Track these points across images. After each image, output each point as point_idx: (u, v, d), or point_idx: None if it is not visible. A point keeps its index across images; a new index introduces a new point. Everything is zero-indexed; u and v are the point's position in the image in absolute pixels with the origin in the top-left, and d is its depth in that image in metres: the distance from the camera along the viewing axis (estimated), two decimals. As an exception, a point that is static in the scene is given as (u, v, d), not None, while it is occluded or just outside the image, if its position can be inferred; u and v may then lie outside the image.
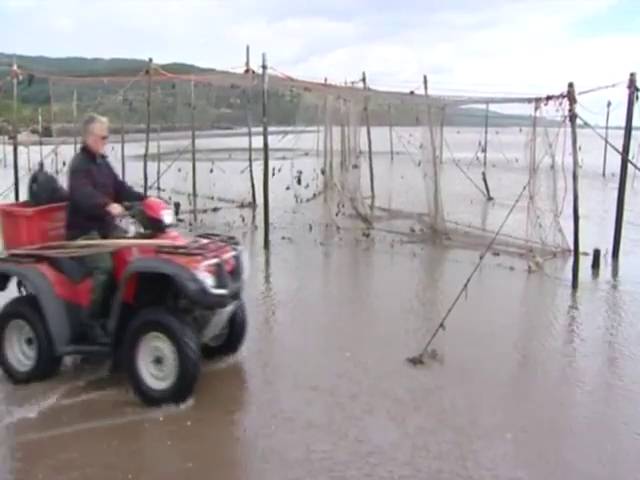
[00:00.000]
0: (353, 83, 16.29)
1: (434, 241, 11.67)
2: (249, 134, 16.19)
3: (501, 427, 4.79)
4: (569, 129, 9.68)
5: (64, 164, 22.63)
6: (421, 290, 8.97)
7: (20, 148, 17.30)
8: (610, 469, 4.33)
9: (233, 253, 5.48)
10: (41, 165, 6.24)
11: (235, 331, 5.99)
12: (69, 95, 22.26)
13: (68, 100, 22.75)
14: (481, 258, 7.67)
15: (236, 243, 5.68)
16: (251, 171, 15.11)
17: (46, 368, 5.48)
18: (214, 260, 5.13)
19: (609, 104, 18.63)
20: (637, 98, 10.47)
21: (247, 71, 13.45)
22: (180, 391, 5.04)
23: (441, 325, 6.24)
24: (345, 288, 9.20)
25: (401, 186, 15.99)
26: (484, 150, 17.75)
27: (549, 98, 10.58)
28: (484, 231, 11.91)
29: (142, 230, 5.51)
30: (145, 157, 13.90)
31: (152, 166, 14.49)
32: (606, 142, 12.44)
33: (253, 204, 14.65)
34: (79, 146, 5.95)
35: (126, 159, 20.28)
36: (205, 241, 5.53)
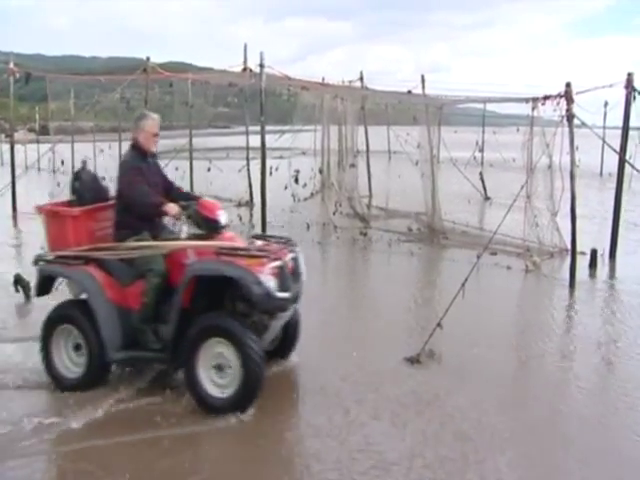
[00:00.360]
0: (350, 82, 16.29)
1: (431, 240, 11.67)
2: (246, 133, 16.18)
3: (500, 429, 4.78)
4: (566, 129, 9.69)
5: (62, 163, 22.77)
6: (418, 289, 8.98)
7: (17, 146, 17.24)
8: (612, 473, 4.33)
9: (292, 254, 5.31)
10: (84, 163, 5.87)
11: (288, 336, 5.78)
12: (66, 93, 22.29)
13: (65, 98, 22.78)
14: (478, 257, 7.67)
15: (293, 244, 5.50)
16: (248, 170, 15.09)
17: (96, 375, 5.27)
18: (277, 262, 4.96)
19: (606, 104, 18.63)
20: (634, 98, 10.47)
21: (245, 70, 13.45)
22: (243, 399, 4.84)
23: (438, 324, 6.23)
24: (342, 287, 9.22)
25: (398, 185, 15.96)
26: (481, 150, 17.75)
27: (546, 98, 10.59)
28: (481, 230, 11.92)
29: (194, 231, 5.31)
30: (142, 156, 13.85)
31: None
32: (604, 142, 12.46)
33: (250, 203, 14.65)
34: (73, 144, 5.91)
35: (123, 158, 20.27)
36: (263, 242, 5.37)
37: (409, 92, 14.45)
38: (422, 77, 15.66)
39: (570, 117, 9.84)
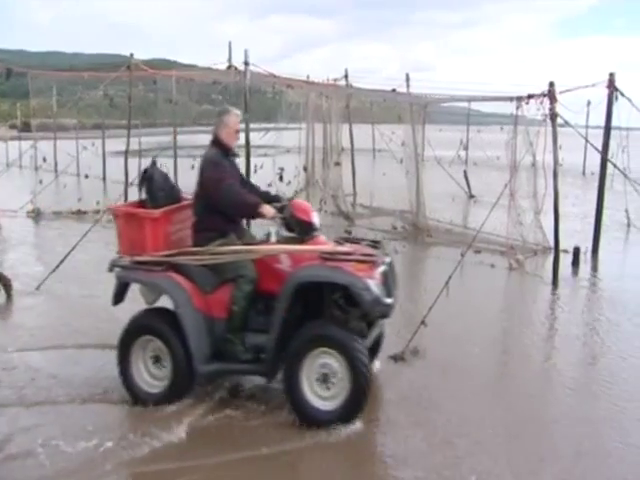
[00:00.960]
0: (335, 80, 16.27)
1: (416, 238, 11.69)
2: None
3: (484, 426, 4.81)
4: (550, 128, 9.76)
5: (44, 160, 22.58)
6: (402, 287, 8.94)
7: (-2, 143, 17.09)
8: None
9: (388, 259, 5.11)
10: (154, 161, 5.44)
11: (376, 343, 5.51)
12: (48, 90, 22.07)
13: (47, 95, 22.57)
14: (462, 256, 7.71)
15: (384, 247, 5.31)
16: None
17: (180, 389, 4.93)
18: (382, 267, 4.82)
19: (589, 103, 18.75)
20: (616, 98, 10.56)
21: (229, 67, 13.39)
22: (350, 411, 4.62)
23: (422, 322, 6.26)
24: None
25: (383, 183, 15.99)
26: (466, 148, 17.83)
27: (530, 97, 10.65)
28: (465, 229, 11.97)
29: (285, 234, 5.05)
30: (126, 153, 13.80)
31: (133, 162, 14.38)
32: (586, 141, 12.56)
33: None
34: (55, 141, 5.72)
35: (107, 155, 20.16)
36: (357, 246, 5.14)
37: (394, 90, 14.47)
38: (407, 75, 15.70)
39: (553, 116, 9.91)
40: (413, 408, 5.07)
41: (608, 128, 10.73)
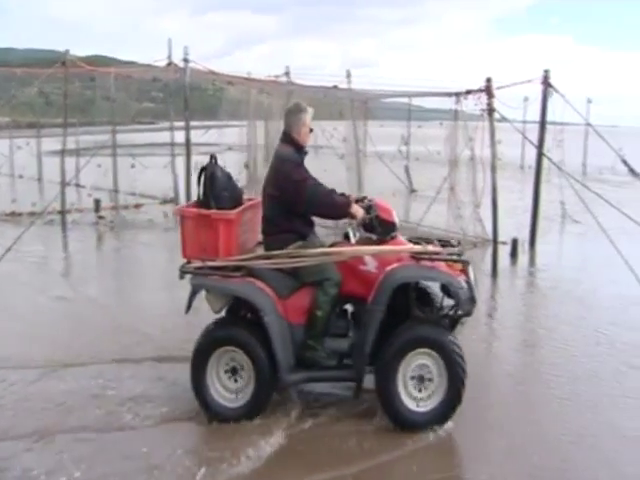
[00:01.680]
0: (276, 77, 16.20)
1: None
2: (171, 129, 15.87)
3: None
4: (488, 123, 9.95)
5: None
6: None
7: None
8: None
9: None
10: (214, 158, 5.00)
11: None
12: (-21, 87, 21.29)
13: (-21, 92, 21.76)
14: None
15: (455, 245, 5.09)
16: (173, 166, 14.83)
17: (264, 402, 4.72)
18: (469, 266, 4.77)
19: (526, 99, 19.12)
20: (551, 94, 10.80)
21: (169, 64, 13.21)
22: (446, 412, 4.59)
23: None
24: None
25: (325, 179, 15.84)
26: (406, 143, 17.96)
27: (468, 92, 10.84)
28: (407, 222, 12.04)
29: (360, 234, 4.94)
30: (63, 153, 13.43)
31: (70, 162, 14.03)
32: (523, 136, 12.78)
33: (176, 200, 14.38)
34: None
35: (42, 155, 19.59)
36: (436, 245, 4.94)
37: (335, 87, 14.49)
38: (347, 72, 15.70)
39: (490, 111, 10.10)
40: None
41: (543, 123, 10.98)
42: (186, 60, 11.59)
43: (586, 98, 25.58)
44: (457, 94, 11.22)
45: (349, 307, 4.93)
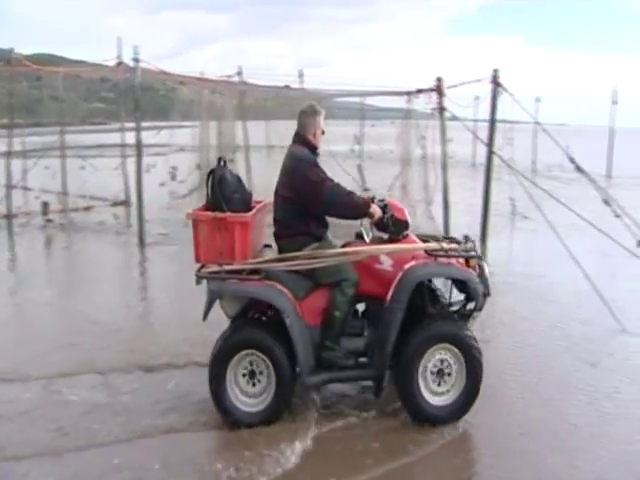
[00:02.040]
0: (229, 77, 16.10)
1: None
2: (122, 130, 15.62)
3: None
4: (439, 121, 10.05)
5: None
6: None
7: None
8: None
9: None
10: (224, 161, 4.89)
11: None
12: None
13: None
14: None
15: (474, 243, 5.16)
16: (124, 168, 14.60)
17: (284, 405, 4.71)
18: (483, 262, 4.92)
19: (477, 98, 19.41)
20: (500, 93, 10.94)
21: (119, 64, 12.99)
22: (465, 405, 4.73)
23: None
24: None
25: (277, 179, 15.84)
26: (359, 142, 18.05)
27: (419, 91, 10.93)
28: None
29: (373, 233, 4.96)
30: (8, 155, 13.11)
31: (17, 164, 13.69)
32: (473, 134, 12.94)
33: (127, 202, 14.16)
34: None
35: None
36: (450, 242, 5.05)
37: (287, 87, 14.47)
38: (300, 71, 15.75)
39: (441, 110, 10.20)
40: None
41: (493, 121, 11.10)
42: (136, 60, 11.38)
43: (535, 97, 26.15)
44: (409, 93, 11.32)
45: (360, 306, 4.99)
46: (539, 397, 5.33)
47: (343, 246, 4.92)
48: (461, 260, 4.82)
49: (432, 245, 4.82)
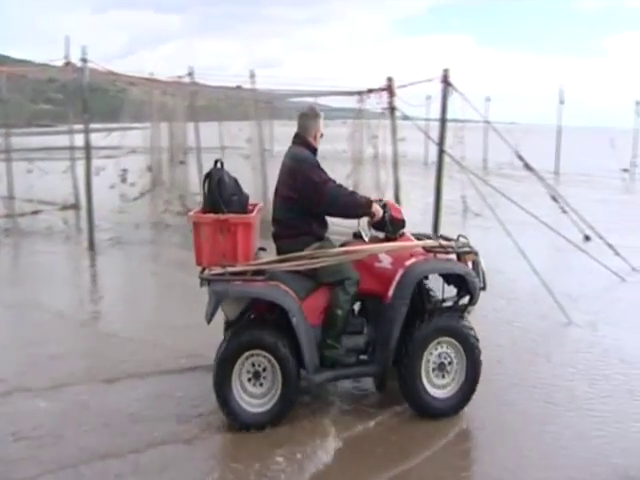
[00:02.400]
0: (180, 77, 15.91)
1: (262, 233, 11.57)
2: (70, 132, 15.30)
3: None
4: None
5: None
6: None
7: None
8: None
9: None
10: (221, 163, 4.86)
11: None
12: None
13: None
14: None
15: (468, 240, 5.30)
16: (73, 171, 14.30)
17: (291, 404, 4.76)
18: (479, 257, 5.08)
19: (428, 98, 19.62)
20: (450, 92, 11.05)
21: (67, 64, 12.73)
22: (466, 396, 4.93)
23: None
24: (171, 283, 8.94)
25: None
26: (310, 142, 18.08)
27: (370, 91, 10.98)
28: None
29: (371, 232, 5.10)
30: (-51, 158, 12.73)
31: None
32: (425, 134, 13.05)
33: (76, 205, 13.88)
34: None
35: None
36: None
37: (238, 87, 14.35)
38: (251, 72, 15.60)
39: (392, 109, 10.25)
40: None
41: (444, 121, 11.19)
42: (84, 60, 11.18)
43: (485, 96, 26.57)
44: (360, 93, 11.35)
45: (356, 304, 5.07)
46: (493, 393, 5.40)
47: (342, 245, 5.03)
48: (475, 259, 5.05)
49: (430, 242, 5.03)
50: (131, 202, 12.92)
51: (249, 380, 4.72)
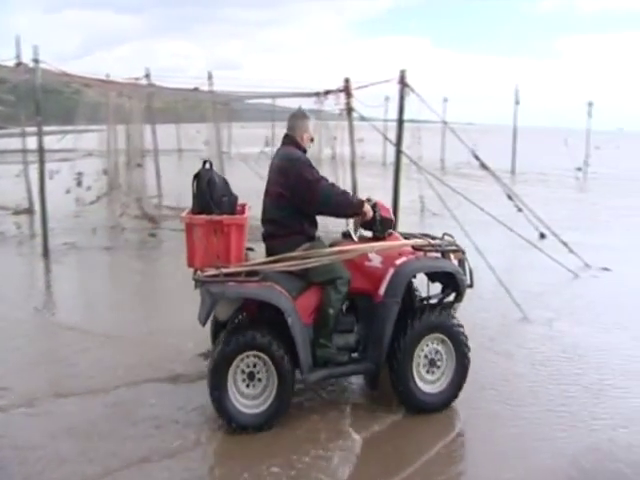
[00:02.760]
0: (137, 79, 15.71)
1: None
2: (23, 134, 14.97)
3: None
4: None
5: None
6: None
7: None
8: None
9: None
10: (210, 163, 4.85)
11: None
12: None
13: None
14: (251, 249, 7.73)
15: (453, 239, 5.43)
16: (26, 175, 14.00)
17: (286, 404, 4.75)
18: (465, 255, 5.22)
19: (387, 99, 19.76)
20: (408, 94, 11.12)
21: (19, 65, 12.46)
22: (455, 391, 5.04)
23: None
24: (130, 289, 8.80)
25: (189, 183, 15.58)
26: (267, 144, 18.01)
27: (328, 92, 10.98)
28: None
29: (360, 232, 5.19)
30: None
31: None
32: (382, 135, 13.12)
33: (30, 210, 13.59)
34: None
35: None
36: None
37: (196, 89, 14.25)
38: (209, 73, 15.52)
39: (349, 110, 10.27)
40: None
41: (401, 121, 11.26)
42: (36, 60, 10.93)
43: (442, 97, 26.84)
44: (317, 94, 11.34)
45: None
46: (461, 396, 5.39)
47: (331, 245, 5.08)
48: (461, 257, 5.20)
49: (420, 241, 5.13)
50: (87, 206, 12.68)
51: (243, 381, 4.71)
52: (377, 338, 4.85)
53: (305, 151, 5.16)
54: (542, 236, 11.05)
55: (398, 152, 11.19)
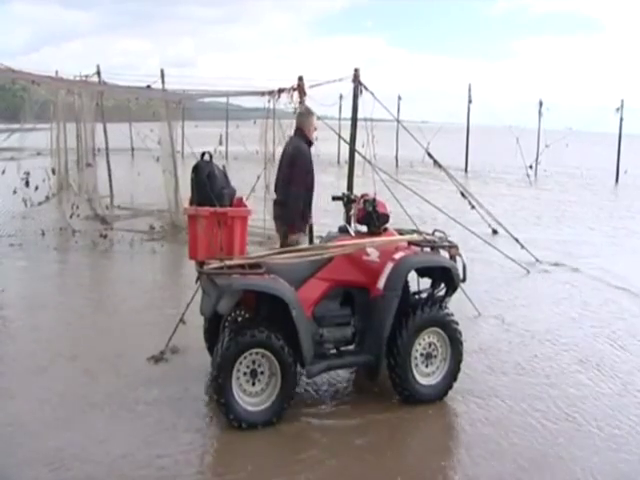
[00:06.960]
0: (87, 77, 15.39)
1: (175, 237, 11.42)
2: (-35, 133, 14.51)
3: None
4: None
5: None
6: (159, 287, 8.72)
7: None
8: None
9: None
10: (210, 155, 4.78)
11: None
12: None
13: None
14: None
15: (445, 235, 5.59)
16: (-30, 175, 13.56)
17: (289, 399, 4.70)
18: (460, 251, 5.35)
19: (341, 97, 19.80)
20: (361, 92, 11.14)
21: (-39, 60, 12.05)
22: (450, 382, 5.15)
23: (181, 320, 6.17)
24: (80, 292, 8.54)
25: (142, 183, 15.45)
26: (221, 143, 17.89)
27: (281, 91, 10.93)
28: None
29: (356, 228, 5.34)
30: None
31: None
32: (337, 134, 13.12)
33: (-22, 210, 13.15)
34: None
35: None
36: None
37: (148, 87, 14.02)
38: (161, 72, 15.27)
39: (303, 109, 10.21)
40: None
41: (355, 120, 11.29)
42: (-22, 56, 10.62)
43: (397, 95, 27.06)
44: (270, 93, 11.28)
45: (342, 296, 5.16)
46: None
47: (328, 239, 5.25)
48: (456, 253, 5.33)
49: (416, 237, 5.32)
50: (36, 207, 12.36)
51: (247, 379, 4.63)
52: (377, 330, 4.92)
53: (311, 142, 6.27)
54: (494, 232, 11.22)
55: (352, 151, 11.22)
